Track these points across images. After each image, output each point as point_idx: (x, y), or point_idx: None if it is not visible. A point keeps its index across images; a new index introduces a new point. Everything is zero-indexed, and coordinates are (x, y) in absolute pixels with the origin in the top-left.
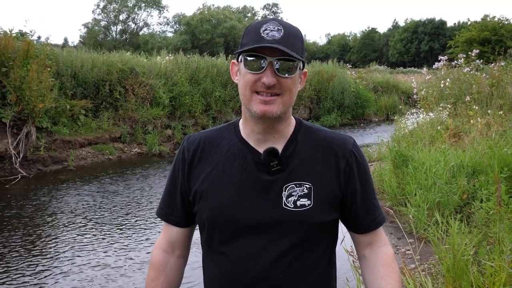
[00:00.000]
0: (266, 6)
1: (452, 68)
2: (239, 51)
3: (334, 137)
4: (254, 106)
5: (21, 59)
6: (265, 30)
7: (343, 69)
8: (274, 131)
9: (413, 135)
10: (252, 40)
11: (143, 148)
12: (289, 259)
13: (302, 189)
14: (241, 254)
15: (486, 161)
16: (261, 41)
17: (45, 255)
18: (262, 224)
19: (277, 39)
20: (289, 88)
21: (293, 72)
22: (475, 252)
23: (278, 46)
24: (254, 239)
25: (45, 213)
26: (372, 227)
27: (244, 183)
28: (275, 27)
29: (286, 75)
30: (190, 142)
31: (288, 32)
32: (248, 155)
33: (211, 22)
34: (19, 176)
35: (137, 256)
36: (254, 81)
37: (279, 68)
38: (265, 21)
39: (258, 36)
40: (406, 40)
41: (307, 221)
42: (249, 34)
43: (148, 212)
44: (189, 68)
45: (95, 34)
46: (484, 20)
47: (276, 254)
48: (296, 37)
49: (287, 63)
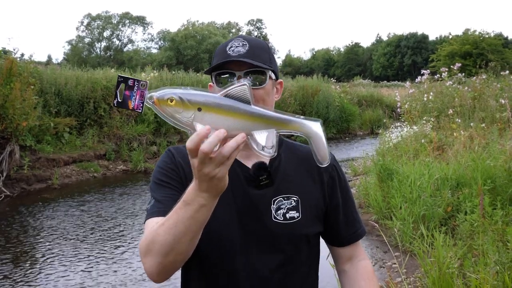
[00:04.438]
0: (250, 21)
1: (434, 81)
2: (207, 70)
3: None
4: None
5: (4, 77)
6: (230, 47)
7: (327, 83)
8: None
9: (397, 149)
10: (220, 59)
11: (128, 165)
12: (280, 274)
13: (290, 201)
14: (232, 268)
15: (469, 173)
16: (227, 57)
17: (30, 274)
18: (252, 238)
19: (242, 54)
20: (262, 98)
21: (263, 82)
22: (460, 264)
23: (243, 59)
24: (247, 253)
25: (29, 233)
26: (353, 239)
27: (233, 197)
28: (239, 43)
29: (256, 87)
30: (179, 152)
31: (253, 46)
32: (236, 169)
33: (195, 38)
34: (2, 196)
35: (122, 274)
36: None
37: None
38: (231, 39)
39: (224, 54)
40: (389, 54)
41: (297, 233)
42: (217, 55)
43: (134, 230)
44: (174, 84)
45: (79, 51)
46: (465, 34)
47: (268, 268)
48: (262, 49)
49: (256, 75)
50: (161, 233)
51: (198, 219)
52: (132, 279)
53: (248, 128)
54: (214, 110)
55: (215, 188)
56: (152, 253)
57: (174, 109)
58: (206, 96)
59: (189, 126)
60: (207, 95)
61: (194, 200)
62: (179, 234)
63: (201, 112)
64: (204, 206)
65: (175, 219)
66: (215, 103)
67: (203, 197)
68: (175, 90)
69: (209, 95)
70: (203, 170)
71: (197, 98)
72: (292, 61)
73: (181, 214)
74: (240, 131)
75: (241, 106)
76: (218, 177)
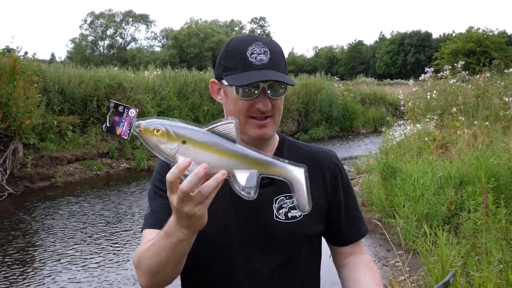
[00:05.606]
0: (253, 19)
1: (438, 79)
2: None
3: (318, 150)
4: (250, 130)
5: (8, 76)
6: (252, 54)
7: (330, 81)
8: (261, 147)
9: (400, 147)
10: (240, 65)
11: (131, 163)
12: (280, 273)
13: (292, 200)
14: (231, 268)
15: (473, 171)
16: (251, 66)
17: (33, 272)
18: (252, 237)
19: (266, 63)
20: (279, 108)
21: (283, 91)
22: (463, 263)
23: (271, 73)
24: (246, 252)
25: (32, 230)
26: (355, 238)
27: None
28: (261, 49)
29: (276, 97)
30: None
31: (273, 53)
32: None
33: (198, 36)
34: (5, 194)
35: (126, 272)
36: (248, 108)
37: (271, 93)
38: (248, 42)
39: (246, 61)
40: (392, 52)
41: (298, 232)
42: (234, 57)
43: (137, 227)
44: (177, 83)
45: (82, 50)
46: (469, 31)
47: (268, 268)
48: (281, 56)
49: (279, 86)
50: (147, 257)
51: (178, 251)
52: (135, 277)
53: (230, 167)
54: (198, 145)
55: (194, 226)
56: (141, 271)
57: (159, 139)
58: (192, 130)
59: (171, 158)
60: (193, 129)
61: (173, 234)
62: (162, 262)
63: (185, 145)
64: (183, 241)
65: (158, 248)
66: (200, 138)
67: (182, 233)
68: (162, 121)
69: (195, 129)
70: (182, 209)
71: (183, 131)
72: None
73: (163, 243)
74: (222, 169)
75: (226, 143)
76: (197, 216)
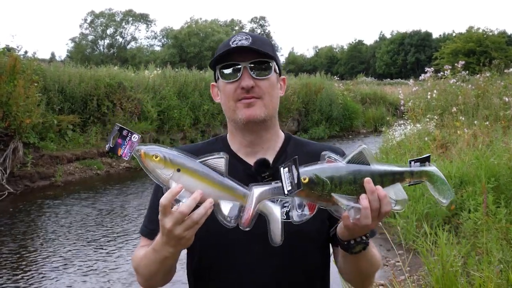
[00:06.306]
0: (253, 19)
1: (438, 79)
2: (210, 62)
3: (325, 148)
4: (239, 113)
5: (8, 75)
6: (233, 41)
7: (330, 81)
8: (262, 141)
9: (401, 147)
10: (222, 50)
11: (131, 162)
12: (281, 273)
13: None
14: (235, 270)
15: (473, 171)
16: (229, 47)
17: (33, 271)
18: (253, 237)
19: (246, 45)
20: (267, 91)
21: (268, 72)
22: (463, 262)
23: (247, 46)
24: (248, 253)
25: (32, 230)
26: None
27: None
28: (242, 36)
29: (262, 77)
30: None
31: (256, 39)
32: (238, 167)
33: (198, 36)
34: (6, 193)
35: (125, 271)
36: (234, 90)
37: (253, 71)
38: (234, 35)
39: (227, 47)
40: (392, 52)
41: (300, 232)
42: (220, 50)
43: (137, 227)
44: (177, 82)
45: (82, 49)
46: (469, 31)
47: (269, 268)
48: (265, 43)
49: (260, 65)
50: (141, 265)
51: (165, 265)
52: (134, 276)
53: (216, 196)
54: (190, 173)
55: (181, 246)
56: (138, 275)
57: (156, 165)
58: (187, 160)
59: (165, 183)
60: (187, 158)
61: (160, 251)
62: (153, 271)
63: (179, 173)
64: (168, 258)
65: (148, 260)
66: (193, 167)
67: (168, 251)
68: (161, 149)
69: (190, 160)
70: (174, 232)
71: (179, 160)
72: (295, 59)
73: (152, 257)
74: (209, 197)
75: (215, 175)
76: (186, 238)
